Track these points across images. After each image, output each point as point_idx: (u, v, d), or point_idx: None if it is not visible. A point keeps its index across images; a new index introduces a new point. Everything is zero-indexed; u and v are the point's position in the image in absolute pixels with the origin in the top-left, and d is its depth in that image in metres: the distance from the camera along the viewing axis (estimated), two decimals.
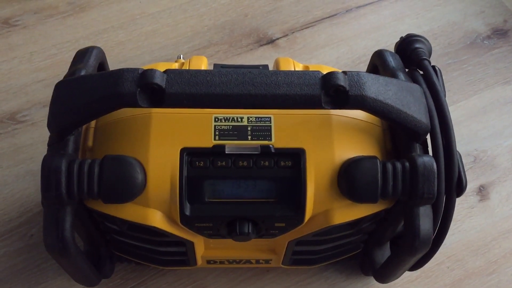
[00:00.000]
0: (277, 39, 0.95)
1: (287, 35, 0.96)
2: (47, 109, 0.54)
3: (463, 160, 0.82)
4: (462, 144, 0.85)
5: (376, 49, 0.64)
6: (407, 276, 0.72)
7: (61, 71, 0.59)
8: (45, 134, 0.54)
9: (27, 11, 0.96)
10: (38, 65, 0.90)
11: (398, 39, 0.66)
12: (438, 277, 0.73)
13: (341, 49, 0.94)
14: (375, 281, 0.70)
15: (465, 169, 0.81)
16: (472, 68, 0.93)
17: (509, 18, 0.99)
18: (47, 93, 0.54)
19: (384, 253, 0.67)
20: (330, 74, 0.50)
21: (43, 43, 0.92)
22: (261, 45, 0.94)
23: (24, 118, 0.84)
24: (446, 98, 0.60)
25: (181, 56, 0.72)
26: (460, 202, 0.79)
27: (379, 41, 0.95)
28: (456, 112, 0.88)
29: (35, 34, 0.93)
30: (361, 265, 0.72)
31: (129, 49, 0.93)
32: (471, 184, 0.81)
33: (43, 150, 0.54)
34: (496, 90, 0.91)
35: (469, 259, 0.75)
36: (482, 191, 0.81)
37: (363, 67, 0.71)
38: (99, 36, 0.94)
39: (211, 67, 0.65)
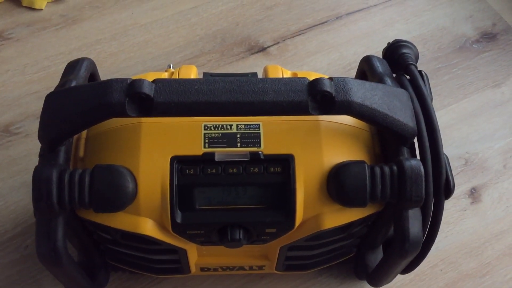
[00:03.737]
0: (269, 47, 0.96)
1: (278, 43, 0.97)
2: None
3: (455, 163, 0.83)
4: (453, 147, 0.85)
5: (366, 55, 0.65)
6: (400, 279, 0.73)
7: (54, 83, 0.60)
8: (39, 145, 0.55)
9: (20, 24, 0.97)
10: (31, 78, 0.91)
11: (386, 45, 0.67)
12: (432, 280, 0.74)
13: (332, 55, 0.95)
14: (369, 285, 0.70)
15: (457, 172, 0.83)
16: (462, 72, 0.94)
17: (497, 21, 1.00)
18: (41, 105, 0.54)
19: (376, 256, 0.67)
20: (316, 81, 0.51)
21: (36, 55, 0.93)
22: (252, 53, 0.95)
23: (18, 130, 0.85)
24: (437, 102, 0.61)
25: (171, 65, 0.73)
26: (452, 205, 0.80)
27: (370, 47, 0.96)
28: (447, 115, 0.89)
29: (28, 47, 0.94)
30: (354, 269, 0.72)
31: (121, 60, 0.93)
32: (463, 186, 0.82)
33: (37, 161, 0.54)
34: (486, 93, 0.92)
35: (463, 261, 0.75)
36: (474, 193, 0.81)
37: (354, 73, 0.71)
38: (91, 47, 0.95)
39: (201, 76, 0.65)
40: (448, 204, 0.58)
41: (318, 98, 0.51)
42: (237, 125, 0.56)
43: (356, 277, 0.73)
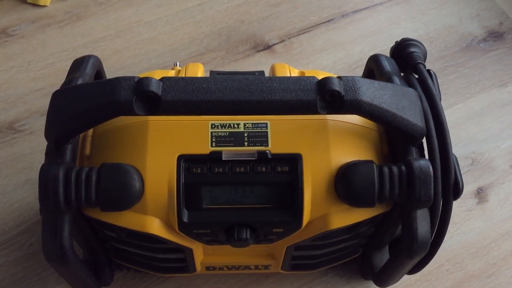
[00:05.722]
0: (274, 45, 0.95)
1: (283, 40, 0.96)
2: (45, 118, 0.54)
3: (461, 163, 0.83)
4: (460, 146, 0.85)
5: (372, 54, 0.64)
6: (406, 279, 0.72)
7: (59, 80, 0.59)
8: (44, 143, 0.55)
9: (25, 21, 0.96)
10: (36, 74, 0.90)
11: (394, 43, 0.67)
12: (438, 280, 0.73)
13: (337, 54, 0.95)
14: (375, 285, 0.70)
15: (463, 172, 0.82)
16: (468, 71, 0.94)
17: (504, 20, 1.00)
18: (45, 102, 0.54)
19: (383, 256, 0.67)
20: (325, 80, 0.50)
21: (41, 52, 0.93)
22: (258, 51, 0.94)
23: (22, 127, 0.84)
24: (443, 101, 0.60)
25: (178, 63, 0.72)
26: (458, 205, 0.79)
27: (376, 46, 0.96)
28: (453, 115, 0.88)
29: (32, 43, 0.94)
30: (360, 269, 0.72)
31: (126, 57, 0.93)
32: (470, 186, 0.81)
33: (41, 159, 0.54)
34: (492, 93, 0.91)
35: (469, 261, 0.75)
36: (480, 193, 0.81)
37: (359, 71, 0.71)
38: (96, 44, 0.94)
39: (207, 74, 0.65)
40: (454, 204, 0.58)
41: (327, 97, 0.50)
42: (244, 124, 0.56)
43: (362, 277, 0.73)
